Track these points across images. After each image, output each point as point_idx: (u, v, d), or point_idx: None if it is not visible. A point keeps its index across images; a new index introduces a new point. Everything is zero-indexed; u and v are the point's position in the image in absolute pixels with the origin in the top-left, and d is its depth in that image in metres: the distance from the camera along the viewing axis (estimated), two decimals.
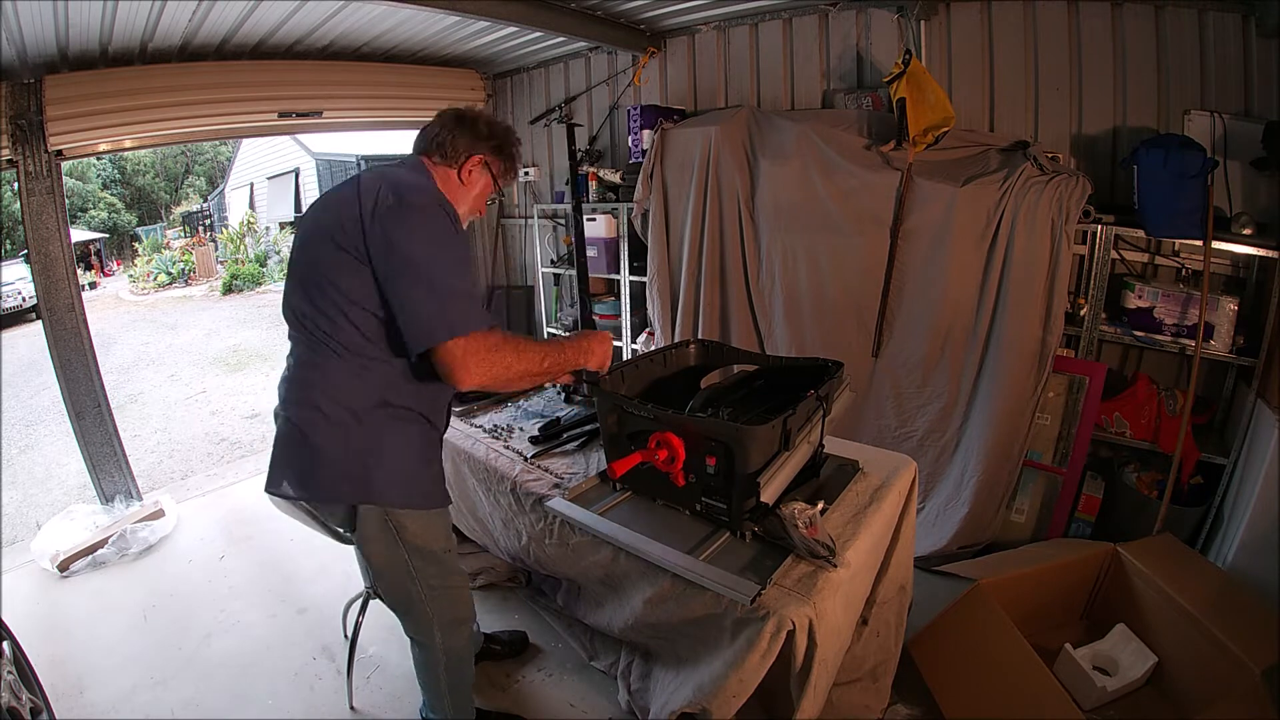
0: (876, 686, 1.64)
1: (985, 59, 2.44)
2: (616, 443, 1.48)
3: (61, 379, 2.87)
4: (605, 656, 1.90)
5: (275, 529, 2.78)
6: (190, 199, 18.68)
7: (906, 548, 1.68)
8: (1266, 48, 2.00)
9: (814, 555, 1.25)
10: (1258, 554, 1.89)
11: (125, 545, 2.68)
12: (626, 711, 1.72)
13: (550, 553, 1.64)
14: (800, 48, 2.87)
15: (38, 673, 1.60)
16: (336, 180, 11.49)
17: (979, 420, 2.33)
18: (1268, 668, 1.47)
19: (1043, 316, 2.19)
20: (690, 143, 2.89)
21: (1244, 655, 1.51)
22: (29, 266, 2.85)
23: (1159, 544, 1.94)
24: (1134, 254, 2.32)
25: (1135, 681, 1.68)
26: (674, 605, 1.32)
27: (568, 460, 1.79)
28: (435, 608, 1.44)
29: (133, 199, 18.11)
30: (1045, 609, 1.91)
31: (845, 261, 2.55)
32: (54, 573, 2.56)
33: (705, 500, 1.38)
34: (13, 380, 6.41)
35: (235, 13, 2.58)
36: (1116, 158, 2.27)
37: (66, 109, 2.67)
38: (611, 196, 3.39)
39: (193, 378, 6.44)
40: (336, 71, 3.37)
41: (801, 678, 1.20)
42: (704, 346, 1.85)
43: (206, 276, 12.74)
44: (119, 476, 3.06)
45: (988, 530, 2.35)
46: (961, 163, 2.35)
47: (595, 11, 2.90)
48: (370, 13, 2.75)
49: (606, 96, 3.60)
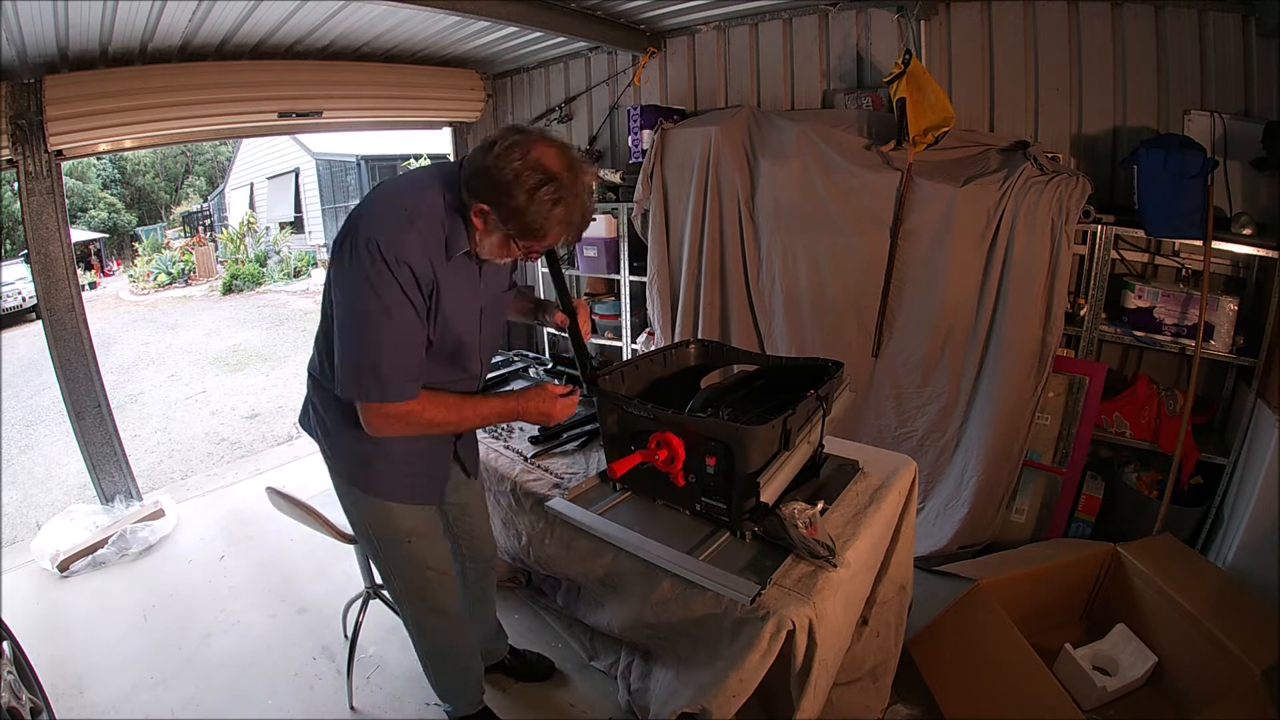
0: (876, 686, 1.64)
1: (985, 59, 2.44)
2: (616, 443, 1.48)
3: (61, 379, 2.86)
4: (605, 656, 1.90)
5: (275, 529, 2.78)
6: (190, 199, 18.67)
7: (906, 548, 1.68)
8: (1266, 48, 2.00)
9: (814, 555, 1.25)
10: (1258, 554, 1.89)
11: (125, 545, 2.68)
12: (626, 711, 1.72)
13: (550, 553, 1.64)
14: (800, 48, 2.87)
15: (38, 673, 1.61)
16: (336, 180, 11.36)
17: (979, 420, 2.33)
18: (1268, 668, 1.47)
19: (1043, 316, 2.19)
20: (690, 143, 2.89)
21: (1244, 655, 1.50)
22: (29, 266, 2.85)
23: (1159, 544, 1.94)
24: (1134, 254, 2.32)
25: (1135, 681, 1.68)
26: (674, 605, 1.32)
27: (568, 460, 1.79)
28: (406, 594, 1.50)
29: (133, 199, 18.10)
30: (1045, 609, 1.91)
31: (845, 261, 2.55)
32: (54, 573, 2.56)
33: (705, 500, 1.38)
34: (13, 380, 6.41)
35: (235, 13, 2.57)
36: (1116, 158, 2.27)
37: (66, 109, 2.67)
38: (611, 196, 3.39)
39: (193, 378, 6.45)
40: (336, 71, 3.37)
41: (801, 678, 1.20)
42: (704, 346, 1.85)
43: (206, 276, 12.73)
44: (119, 476, 3.06)
45: (988, 530, 2.35)
46: (961, 163, 2.35)
47: (595, 11, 2.90)
48: (370, 13, 2.75)
49: (606, 96, 3.60)
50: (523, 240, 1.15)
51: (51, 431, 4.96)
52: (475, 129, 4.17)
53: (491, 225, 1.14)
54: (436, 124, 4.18)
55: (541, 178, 1.08)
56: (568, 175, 1.10)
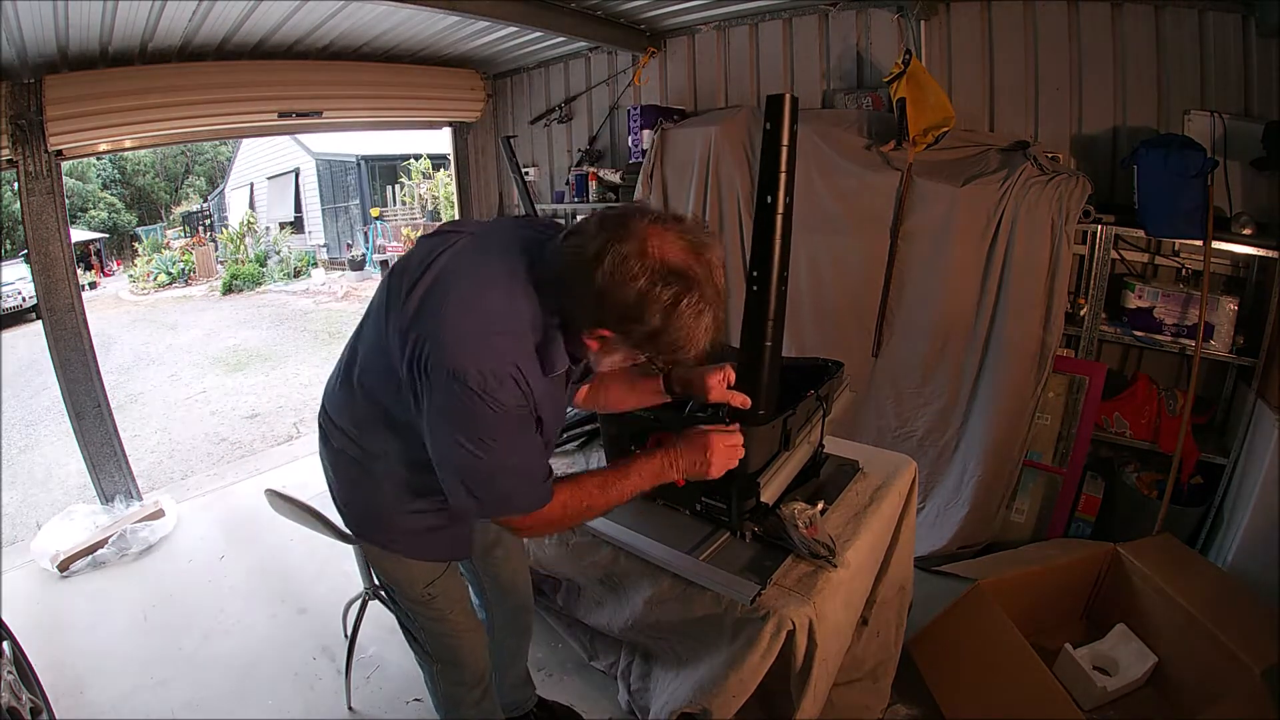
0: (876, 686, 1.64)
1: (985, 59, 2.44)
2: (616, 443, 1.48)
3: (61, 379, 2.86)
4: (605, 656, 1.90)
5: (275, 529, 2.77)
6: (190, 199, 18.67)
7: (906, 548, 1.68)
8: (1266, 48, 2.00)
9: (814, 555, 1.25)
10: (1258, 554, 1.89)
11: (125, 545, 2.68)
12: (626, 711, 1.72)
13: (550, 553, 1.64)
14: (800, 48, 2.87)
15: (38, 673, 1.61)
16: (336, 180, 11.24)
17: (979, 420, 2.33)
18: (1268, 668, 1.47)
19: (1043, 316, 2.19)
20: (690, 143, 2.89)
21: (1244, 655, 1.50)
22: (29, 266, 2.85)
23: (1159, 544, 1.94)
24: (1134, 254, 2.32)
25: (1135, 681, 1.68)
26: (674, 605, 1.32)
27: (568, 460, 1.79)
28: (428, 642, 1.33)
29: (133, 199, 18.10)
30: (1045, 609, 1.91)
31: (845, 261, 2.55)
32: (54, 573, 2.56)
33: (705, 500, 1.37)
34: (13, 380, 6.41)
35: (235, 13, 2.57)
36: (1116, 158, 2.27)
37: (66, 109, 2.67)
38: (611, 196, 3.39)
39: (193, 378, 6.44)
40: (336, 71, 3.37)
41: (801, 678, 1.20)
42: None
43: (206, 276, 12.73)
44: (119, 476, 3.06)
45: (988, 530, 2.35)
46: (961, 163, 2.35)
47: (595, 11, 2.90)
48: (370, 12, 2.75)
49: (606, 96, 3.60)
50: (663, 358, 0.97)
51: (51, 431, 4.95)
52: (475, 128, 4.18)
53: (615, 346, 0.95)
54: (437, 124, 4.19)
55: (677, 289, 0.86)
56: (701, 270, 0.88)
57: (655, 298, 0.85)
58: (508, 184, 4.20)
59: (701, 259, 0.89)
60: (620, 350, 0.96)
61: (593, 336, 0.93)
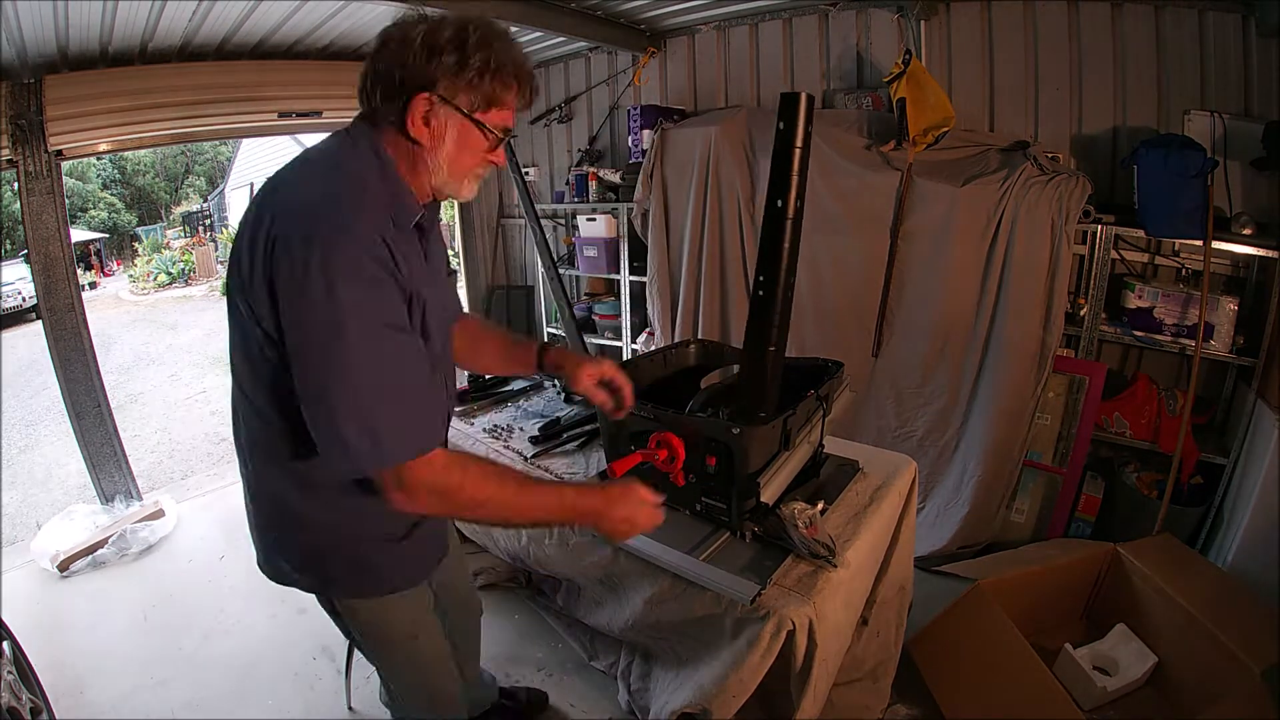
0: (876, 686, 1.64)
1: (985, 59, 2.45)
2: (616, 443, 1.48)
3: (61, 379, 2.86)
4: (605, 656, 1.90)
5: None
6: (190, 199, 18.66)
7: (906, 548, 1.68)
8: (1266, 48, 2.00)
9: (814, 555, 1.25)
10: (1258, 554, 1.89)
11: (125, 545, 2.68)
12: (626, 711, 1.72)
13: (550, 553, 1.64)
14: (800, 48, 2.87)
15: (38, 673, 1.61)
16: None
17: (979, 420, 2.33)
18: (1268, 668, 1.47)
19: (1043, 316, 2.19)
20: (690, 143, 2.89)
21: (1244, 655, 1.50)
22: (29, 266, 2.85)
23: (1159, 544, 1.94)
24: (1134, 254, 2.32)
25: (1135, 681, 1.68)
26: (674, 605, 1.32)
27: (568, 460, 1.79)
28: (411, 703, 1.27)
29: (133, 199, 18.09)
30: (1045, 609, 1.91)
31: (845, 261, 2.55)
32: (54, 573, 2.56)
33: (705, 500, 1.37)
34: (13, 380, 6.41)
35: (235, 13, 2.58)
36: (1116, 158, 2.27)
37: (66, 109, 2.67)
38: (611, 196, 3.40)
39: (193, 378, 6.45)
40: (336, 71, 3.37)
41: (801, 678, 1.20)
42: (704, 346, 1.85)
43: (206, 276, 12.74)
44: (119, 476, 3.06)
45: (988, 530, 2.35)
46: (961, 163, 2.35)
47: (595, 11, 2.90)
48: (370, 13, 2.75)
49: (606, 96, 3.60)
50: (491, 109, 0.90)
51: (51, 431, 4.95)
52: None
53: (443, 118, 0.88)
54: None
55: (456, 26, 0.87)
56: (469, 16, 0.90)
57: (447, 37, 0.86)
58: (507, 184, 4.20)
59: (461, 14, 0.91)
60: (451, 127, 0.89)
61: (418, 117, 0.88)
